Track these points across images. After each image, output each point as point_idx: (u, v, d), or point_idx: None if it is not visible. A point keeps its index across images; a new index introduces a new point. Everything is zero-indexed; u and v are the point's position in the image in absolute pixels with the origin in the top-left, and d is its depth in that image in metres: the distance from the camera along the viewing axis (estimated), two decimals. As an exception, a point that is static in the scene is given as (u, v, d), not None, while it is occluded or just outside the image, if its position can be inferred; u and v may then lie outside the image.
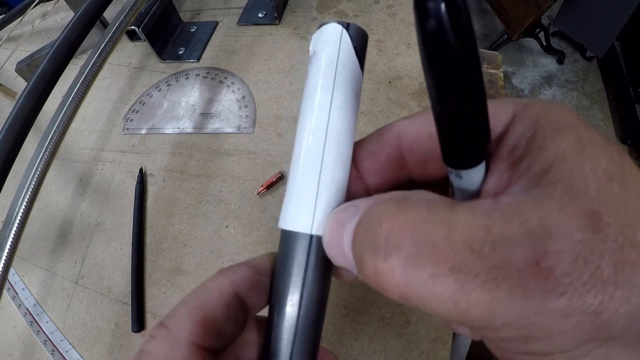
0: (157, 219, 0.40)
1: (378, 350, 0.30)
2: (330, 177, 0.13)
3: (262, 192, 0.38)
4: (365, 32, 0.15)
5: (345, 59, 0.14)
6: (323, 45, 0.14)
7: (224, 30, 0.52)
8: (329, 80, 0.14)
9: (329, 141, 0.14)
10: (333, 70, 0.14)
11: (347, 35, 0.14)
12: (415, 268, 0.10)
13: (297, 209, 0.14)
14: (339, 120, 0.14)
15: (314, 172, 0.13)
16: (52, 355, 0.35)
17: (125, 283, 0.37)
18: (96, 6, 0.33)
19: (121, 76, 0.52)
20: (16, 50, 0.53)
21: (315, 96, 0.14)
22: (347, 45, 0.14)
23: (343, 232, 0.12)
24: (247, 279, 0.15)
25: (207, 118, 0.45)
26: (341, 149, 0.14)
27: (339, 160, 0.14)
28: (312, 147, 0.14)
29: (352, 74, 0.14)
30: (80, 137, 0.47)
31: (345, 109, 0.14)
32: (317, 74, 0.14)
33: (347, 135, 0.14)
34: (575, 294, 0.09)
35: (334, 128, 0.14)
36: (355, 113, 0.14)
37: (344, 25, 0.14)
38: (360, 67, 0.14)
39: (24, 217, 0.27)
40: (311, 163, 0.14)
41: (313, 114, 0.14)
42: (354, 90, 0.14)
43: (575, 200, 0.09)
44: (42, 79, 0.30)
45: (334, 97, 0.14)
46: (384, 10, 0.48)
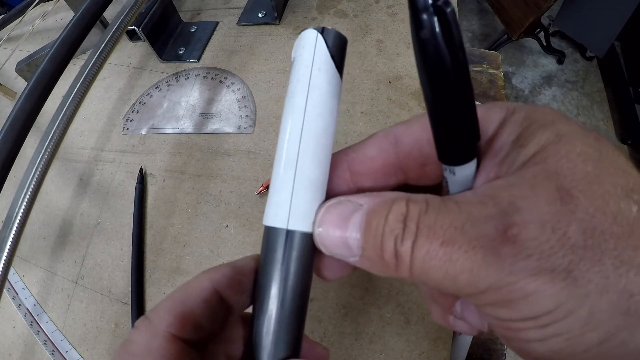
0: (157, 219, 0.40)
1: (378, 350, 0.30)
2: (306, 175, 0.14)
3: (262, 192, 0.38)
4: (343, 37, 0.15)
5: (320, 63, 0.15)
6: (300, 51, 0.15)
7: (224, 30, 0.52)
8: (304, 83, 0.15)
9: (305, 141, 0.14)
10: (308, 73, 0.15)
11: (322, 40, 0.15)
12: (418, 247, 0.12)
13: (275, 205, 0.14)
14: (315, 120, 0.14)
15: (290, 170, 0.14)
16: (52, 355, 0.35)
17: (125, 283, 0.37)
18: (96, 6, 0.33)
19: (121, 76, 0.52)
20: (16, 50, 0.53)
21: (292, 98, 0.15)
22: (322, 49, 0.15)
23: (348, 223, 0.13)
24: (227, 278, 0.16)
25: (207, 118, 0.45)
26: (317, 148, 0.14)
27: (315, 159, 0.14)
28: (288, 146, 0.14)
29: (328, 77, 0.15)
30: (80, 137, 0.47)
31: (321, 109, 0.15)
32: (294, 78, 0.15)
33: (324, 135, 0.15)
34: (543, 255, 0.10)
35: (309, 128, 0.14)
36: (332, 114, 0.15)
37: (319, 30, 0.15)
38: (337, 70, 0.15)
39: (24, 217, 0.27)
40: (287, 162, 0.14)
41: (289, 115, 0.15)
42: (330, 91, 0.15)
43: (547, 179, 0.11)
44: (42, 79, 0.30)
45: (309, 98, 0.14)
46: (384, 10, 0.48)
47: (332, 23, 0.49)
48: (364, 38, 0.46)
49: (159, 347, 0.13)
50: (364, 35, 0.47)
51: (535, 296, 0.10)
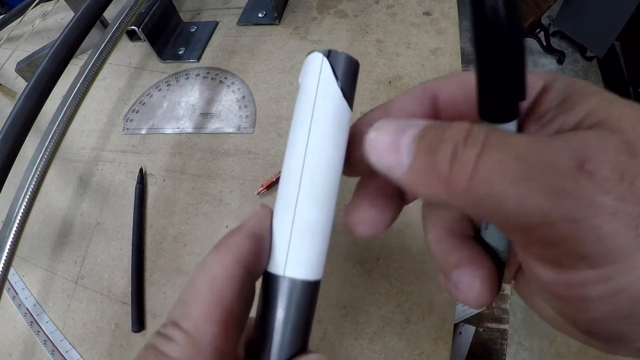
0: (157, 219, 0.40)
1: (378, 350, 0.30)
2: (305, 219, 0.13)
3: (262, 192, 0.38)
4: (353, 60, 0.14)
5: (325, 91, 0.13)
6: (305, 77, 0.14)
7: (224, 30, 0.52)
8: (307, 114, 0.13)
9: (305, 181, 0.13)
10: (311, 103, 0.13)
11: (327, 65, 0.13)
12: (486, 157, 0.10)
13: (273, 249, 0.14)
14: (317, 158, 0.13)
15: (288, 213, 0.13)
16: (52, 355, 0.35)
17: (125, 283, 0.37)
18: (96, 6, 0.33)
19: (121, 76, 0.52)
20: (16, 50, 0.53)
21: (294, 131, 0.14)
22: (328, 75, 0.13)
23: (404, 133, 0.12)
24: (252, 253, 0.14)
25: (207, 118, 0.45)
26: (319, 188, 0.13)
27: (316, 201, 0.13)
28: (288, 186, 0.13)
29: (334, 107, 0.13)
30: (80, 137, 0.47)
31: (325, 144, 0.13)
32: (297, 107, 0.14)
33: (327, 173, 0.13)
34: (619, 196, 0.09)
35: (311, 166, 0.13)
36: (339, 149, 0.14)
37: (325, 53, 0.13)
38: (345, 99, 0.13)
39: (24, 217, 0.27)
40: (286, 203, 0.13)
41: (290, 149, 0.14)
42: (335, 123, 0.13)
43: (612, 133, 0.10)
44: (42, 79, 0.30)
45: (311, 132, 0.13)
46: (384, 10, 0.48)
47: (332, 23, 0.49)
48: (364, 38, 0.46)
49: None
50: (364, 35, 0.47)
51: (610, 239, 0.09)
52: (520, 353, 1.04)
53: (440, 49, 0.43)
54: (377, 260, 0.33)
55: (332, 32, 0.48)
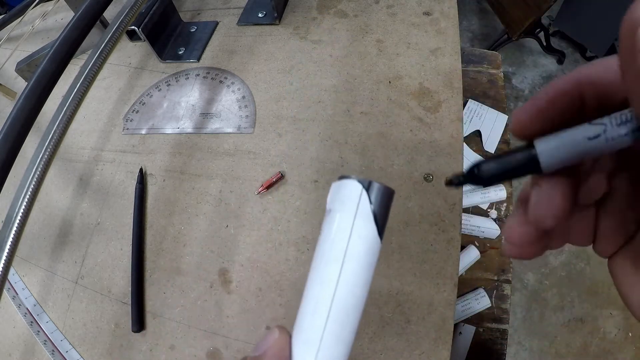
0: (157, 219, 0.40)
1: (378, 350, 0.30)
2: (328, 357, 0.13)
3: (262, 192, 0.38)
4: (390, 192, 0.14)
5: (361, 228, 0.13)
6: (339, 205, 0.13)
7: (224, 30, 0.52)
8: (339, 252, 0.13)
9: (332, 320, 0.13)
10: (345, 240, 0.13)
11: (366, 199, 0.13)
12: None
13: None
14: (346, 297, 0.13)
15: (311, 349, 0.13)
16: (52, 355, 0.35)
17: (125, 283, 0.37)
18: (96, 6, 0.33)
19: (121, 76, 0.52)
20: (16, 50, 0.53)
21: (323, 267, 0.13)
22: (366, 212, 0.13)
23: None
24: None
25: (207, 118, 0.45)
26: (345, 328, 0.13)
27: (341, 340, 0.13)
28: (312, 321, 0.13)
29: (368, 246, 0.13)
30: (80, 137, 0.47)
31: (355, 285, 0.13)
32: (328, 237, 0.13)
33: (354, 313, 0.13)
34: None
35: (339, 306, 0.13)
36: (367, 287, 0.13)
37: (365, 185, 0.13)
38: (379, 236, 0.13)
39: (24, 217, 0.27)
40: (308, 338, 0.13)
41: (318, 286, 0.13)
42: (367, 262, 0.13)
43: None
44: (42, 79, 0.30)
45: (342, 272, 0.13)
46: (384, 10, 0.48)
47: (332, 23, 0.49)
48: (364, 38, 0.46)
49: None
50: (364, 35, 0.47)
51: None
52: (520, 353, 1.04)
53: (440, 49, 0.43)
54: (377, 260, 0.33)
55: (332, 32, 0.48)
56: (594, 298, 1.08)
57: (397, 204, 0.35)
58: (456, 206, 0.34)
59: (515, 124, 0.15)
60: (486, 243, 0.53)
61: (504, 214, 0.55)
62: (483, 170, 0.14)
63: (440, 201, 0.35)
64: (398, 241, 0.34)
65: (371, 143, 0.39)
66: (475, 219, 0.54)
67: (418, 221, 0.34)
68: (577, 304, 1.08)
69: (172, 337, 0.34)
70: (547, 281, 1.11)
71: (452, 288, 0.32)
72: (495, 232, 0.53)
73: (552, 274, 1.12)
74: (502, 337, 0.46)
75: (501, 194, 0.55)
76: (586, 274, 1.11)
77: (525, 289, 1.10)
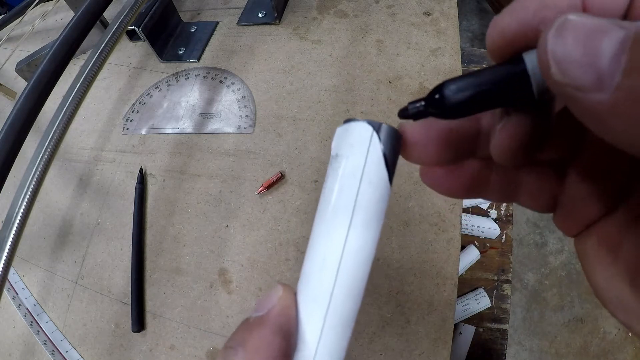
0: (157, 219, 0.40)
1: (378, 350, 0.30)
2: (339, 315, 0.12)
3: (262, 192, 0.38)
4: (400, 136, 0.12)
5: (372, 174, 0.12)
6: (347, 150, 0.12)
7: (224, 30, 0.52)
8: (349, 200, 0.12)
9: (342, 275, 0.12)
10: (356, 187, 0.12)
11: (377, 141, 0.12)
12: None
13: (300, 342, 0.12)
14: (357, 250, 0.12)
15: (320, 307, 0.12)
16: (52, 355, 0.35)
17: (125, 283, 0.37)
18: (96, 6, 0.33)
19: (121, 76, 0.52)
20: (16, 50, 0.53)
21: (330, 218, 0.12)
22: (377, 156, 0.12)
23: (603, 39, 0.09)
24: (283, 353, 0.12)
25: (207, 118, 0.45)
26: (355, 283, 0.12)
27: (351, 295, 0.12)
28: (320, 277, 0.12)
29: (379, 193, 0.12)
30: (80, 137, 0.47)
31: (366, 236, 0.12)
32: (334, 185, 0.12)
33: (365, 266, 0.12)
34: None
35: (350, 260, 0.12)
36: (377, 238, 0.12)
37: (375, 127, 0.12)
38: (389, 181, 0.12)
39: (24, 217, 0.27)
40: (317, 296, 0.12)
41: (325, 239, 0.12)
42: (378, 212, 0.12)
43: None
44: (42, 79, 0.30)
45: (352, 222, 0.12)
46: (384, 10, 0.48)
47: (332, 23, 0.49)
48: (364, 38, 0.46)
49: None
50: (364, 35, 0.47)
51: None
52: (520, 353, 1.04)
53: (440, 49, 0.43)
54: (377, 260, 0.33)
55: (332, 32, 0.48)
56: (594, 298, 1.08)
57: (397, 204, 0.35)
58: (456, 206, 0.34)
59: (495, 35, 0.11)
60: (486, 243, 0.53)
61: (504, 213, 0.55)
62: (449, 94, 0.11)
63: (440, 201, 0.35)
64: (398, 241, 0.34)
65: (371, 143, 0.39)
66: (475, 219, 0.54)
67: (418, 221, 0.34)
68: (577, 304, 1.07)
69: (172, 337, 0.34)
70: (547, 281, 1.11)
71: (452, 288, 0.32)
72: (495, 232, 0.53)
73: (552, 274, 1.12)
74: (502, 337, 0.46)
75: (501, 194, 0.55)
76: (586, 274, 1.11)
77: (525, 289, 1.10)
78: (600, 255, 0.12)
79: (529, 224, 1.15)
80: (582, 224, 0.13)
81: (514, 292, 1.10)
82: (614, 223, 0.12)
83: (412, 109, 0.12)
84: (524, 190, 0.14)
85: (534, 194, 0.14)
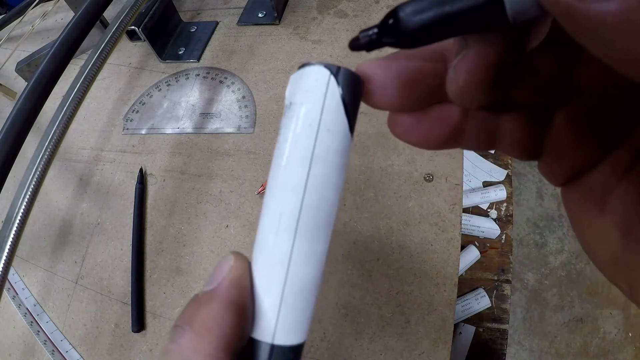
0: (157, 219, 0.40)
1: (378, 350, 0.30)
2: (300, 280, 0.11)
3: (262, 192, 0.38)
4: (360, 79, 0.11)
5: (330, 120, 0.11)
6: (302, 97, 0.11)
7: (224, 30, 0.52)
8: (306, 152, 0.10)
9: (301, 234, 0.11)
10: (312, 136, 0.10)
11: (335, 85, 0.11)
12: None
13: (258, 314, 0.11)
14: (316, 205, 0.11)
15: (278, 272, 0.11)
16: (52, 355, 0.35)
17: (125, 283, 0.37)
18: (96, 6, 0.33)
19: (121, 76, 0.52)
20: (16, 50, 0.53)
21: (286, 171, 0.11)
22: (335, 101, 0.11)
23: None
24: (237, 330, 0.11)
25: (207, 118, 0.45)
26: (316, 243, 0.11)
27: (312, 257, 0.11)
28: (276, 239, 0.11)
29: (339, 142, 0.11)
30: (80, 137, 0.47)
31: (325, 189, 0.11)
32: (289, 137, 0.11)
33: (326, 224, 0.11)
34: None
35: (309, 216, 0.11)
36: (338, 192, 0.11)
37: (333, 70, 0.11)
38: (349, 130, 0.11)
39: (24, 217, 0.27)
40: (274, 260, 0.11)
41: (281, 195, 0.11)
42: (338, 162, 0.11)
43: None
44: (42, 79, 0.30)
45: (310, 175, 0.10)
46: (384, 10, 0.48)
47: (332, 23, 0.49)
48: (364, 38, 0.46)
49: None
50: (364, 35, 0.47)
51: None
52: (520, 353, 1.04)
53: (440, 49, 0.43)
54: (377, 260, 0.33)
55: (332, 32, 0.48)
56: (594, 298, 1.08)
57: (397, 204, 0.35)
58: (456, 206, 0.34)
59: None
60: (486, 243, 0.53)
61: (504, 213, 0.55)
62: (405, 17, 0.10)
63: (440, 201, 0.35)
64: (398, 241, 0.34)
65: (371, 143, 0.39)
66: (475, 219, 0.54)
67: (418, 221, 0.34)
68: (577, 304, 1.07)
69: (172, 337, 0.34)
70: (547, 281, 1.11)
71: (452, 288, 0.32)
72: (495, 232, 0.53)
73: (552, 274, 1.12)
74: (502, 337, 0.46)
75: (501, 194, 0.55)
76: (586, 274, 1.11)
77: (525, 289, 1.10)
78: (588, 207, 0.12)
79: (529, 224, 1.15)
80: (570, 172, 0.12)
81: (514, 292, 1.10)
82: (602, 173, 0.11)
83: (364, 37, 0.11)
84: (505, 137, 0.13)
85: (516, 140, 0.13)
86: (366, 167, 0.38)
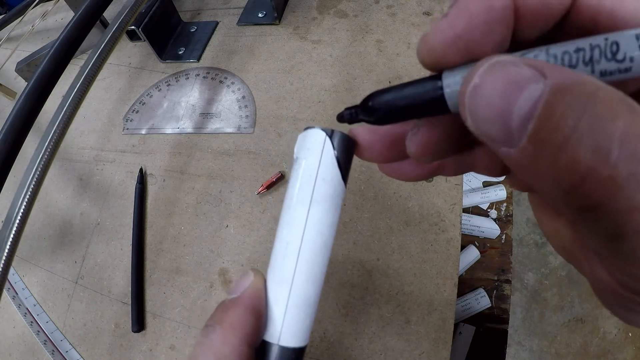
0: (157, 219, 0.40)
1: (378, 350, 0.30)
2: (301, 295, 0.14)
3: (262, 192, 0.38)
4: (352, 140, 0.14)
5: (325, 172, 0.14)
6: (305, 153, 0.14)
7: (224, 30, 0.52)
8: (306, 195, 0.14)
9: (302, 260, 0.14)
10: (311, 184, 0.14)
11: (330, 145, 0.14)
12: None
13: (268, 320, 0.14)
14: (314, 238, 0.14)
15: (284, 288, 0.14)
16: (52, 355, 0.35)
17: (125, 283, 0.37)
18: (96, 6, 0.33)
19: (121, 76, 0.52)
20: (16, 50, 0.53)
21: (292, 211, 0.14)
22: (329, 157, 0.14)
23: (519, 96, 0.09)
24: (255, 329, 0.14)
25: (207, 118, 0.45)
26: (314, 267, 0.14)
27: (312, 279, 0.14)
28: (283, 262, 0.14)
29: (333, 189, 0.14)
30: (80, 137, 0.47)
31: (322, 226, 0.14)
32: (295, 183, 0.14)
33: (322, 253, 0.14)
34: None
35: (308, 246, 0.14)
36: (334, 228, 0.14)
37: (328, 133, 0.14)
38: (342, 180, 0.14)
39: (24, 217, 0.27)
40: (281, 279, 0.14)
41: (288, 229, 0.14)
42: (333, 205, 0.14)
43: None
44: (42, 79, 0.30)
45: (310, 214, 0.14)
46: (384, 10, 0.48)
47: (332, 23, 0.49)
48: (364, 38, 0.46)
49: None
50: (364, 35, 0.47)
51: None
52: (520, 353, 1.04)
53: (440, 49, 0.43)
54: (377, 260, 0.33)
55: (332, 32, 0.48)
56: (594, 298, 1.08)
57: (397, 204, 0.35)
58: (456, 206, 0.34)
59: (424, 52, 0.12)
60: (486, 243, 0.53)
61: (504, 213, 0.55)
62: (377, 103, 0.13)
63: (440, 201, 0.35)
64: (398, 241, 0.34)
65: (371, 143, 0.39)
66: (475, 219, 0.54)
67: (418, 221, 0.34)
68: (577, 304, 1.07)
69: (172, 337, 0.34)
70: (547, 281, 1.11)
71: (452, 288, 0.32)
72: (495, 232, 0.53)
73: (552, 274, 1.12)
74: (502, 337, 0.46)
75: (501, 194, 0.55)
76: (586, 274, 1.11)
77: (525, 289, 1.10)
78: (547, 210, 0.14)
79: (529, 224, 1.15)
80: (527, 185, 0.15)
81: (514, 292, 1.10)
82: None
83: (347, 114, 0.14)
84: (476, 163, 0.15)
85: (484, 165, 0.15)
86: (366, 167, 0.38)
